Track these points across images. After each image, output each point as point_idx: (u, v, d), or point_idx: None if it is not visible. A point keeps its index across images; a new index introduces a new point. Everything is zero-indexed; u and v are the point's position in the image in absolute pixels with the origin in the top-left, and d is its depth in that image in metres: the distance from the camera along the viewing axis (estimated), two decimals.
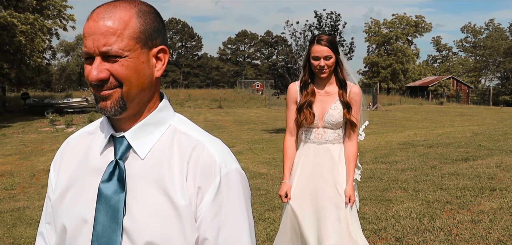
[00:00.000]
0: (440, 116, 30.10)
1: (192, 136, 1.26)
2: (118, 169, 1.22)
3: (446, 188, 7.02)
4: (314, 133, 3.36)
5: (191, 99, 47.83)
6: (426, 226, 5.37)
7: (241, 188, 1.26)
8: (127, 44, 1.16)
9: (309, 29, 19.34)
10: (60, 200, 1.29)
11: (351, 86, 3.39)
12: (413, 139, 13.34)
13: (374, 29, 78.91)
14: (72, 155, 1.34)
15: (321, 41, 3.25)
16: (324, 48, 3.23)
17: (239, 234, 1.23)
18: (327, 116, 3.31)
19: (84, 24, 1.18)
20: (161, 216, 1.18)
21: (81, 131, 1.40)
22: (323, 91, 3.37)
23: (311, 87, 3.36)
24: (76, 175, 1.28)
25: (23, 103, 36.05)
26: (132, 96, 1.20)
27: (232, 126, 23.94)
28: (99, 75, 1.15)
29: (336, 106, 3.31)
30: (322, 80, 3.36)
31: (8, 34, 29.32)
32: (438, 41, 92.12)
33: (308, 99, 3.32)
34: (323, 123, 3.33)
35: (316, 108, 3.33)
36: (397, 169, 8.77)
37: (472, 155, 9.74)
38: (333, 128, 3.33)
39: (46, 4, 35.63)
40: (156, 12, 1.26)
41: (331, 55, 3.25)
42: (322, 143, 3.35)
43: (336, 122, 3.31)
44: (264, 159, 11.36)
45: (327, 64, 3.24)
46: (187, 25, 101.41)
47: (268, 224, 5.81)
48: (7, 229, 6.53)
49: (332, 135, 3.34)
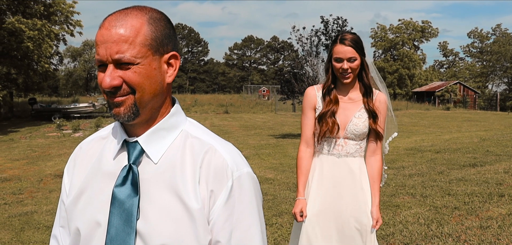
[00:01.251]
0: (447, 122, 29.99)
1: (204, 140, 1.28)
2: (131, 173, 1.24)
3: (454, 193, 6.99)
4: (334, 144, 2.97)
5: (197, 104, 47.95)
6: (434, 232, 5.35)
7: (253, 192, 1.28)
8: (139, 51, 1.18)
9: (316, 34, 19.35)
10: (74, 204, 1.30)
11: (376, 93, 3.03)
12: (420, 144, 13.30)
13: (380, 34, 78.81)
14: (86, 159, 1.35)
15: (344, 40, 2.88)
16: (348, 49, 2.86)
17: (251, 237, 1.25)
18: (350, 125, 2.93)
19: (97, 32, 1.20)
20: (174, 219, 1.20)
21: (94, 135, 1.42)
22: (346, 97, 3.00)
23: (334, 94, 2.99)
24: (90, 179, 1.30)
25: (30, 108, 36.30)
26: (144, 102, 1.22)
27: (239, 131, 23.95)
28: (112, 83, 1.17)
29: (360, 115, 2.94)
30: (345, 85, 2.98)
31: (16, 40, 29.52)
32: (444, 46, 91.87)
33: (331, 108, 2.94)
34: (345, 133, 2.95)
35: (339, 117, 2.95)
36: (404, 175, 8.74)
37: (480, 160, 9.70)
38: (356, 139, 2.96)
39: (53, 10, 35.86)
40: (167, 19, 1.29)
41: (355, 56, 2.87)
42: (342, 155, 2.97)
43: (360, 133, 2.94)
44: (271, 164, 11.36)
45: (351, 67, 2.88)
46: (193, 30, 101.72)
47: (276, 229, 5.81)
48: (15, 233, 6.55)
49: (354, 147, 2.96)
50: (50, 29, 33.59)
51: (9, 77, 33.55)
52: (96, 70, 1.24)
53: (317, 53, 19.25)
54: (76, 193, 1.31)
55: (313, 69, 18.82)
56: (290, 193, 7.80)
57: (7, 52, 30.88)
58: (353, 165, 2.95)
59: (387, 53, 78.76)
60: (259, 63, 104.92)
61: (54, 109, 35.04)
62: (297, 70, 20.02)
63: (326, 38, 19.08)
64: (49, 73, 36.73)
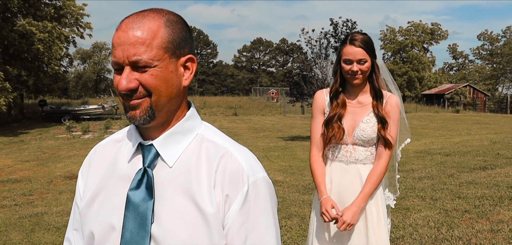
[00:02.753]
0: (457, 124, 29.82)
1: (220, 144, 1.27)
2: (146, 176, 1.23)
3: (464, 197, 6.95)
4: (342, 150, 2.84)
5: (206, 107, 48.02)
6: (445, 235, 5.32)
7: (268, 196, 1.27)
8: (156, 54, 1.17)
9: (325, 37, 19.34)
10: (88, 207, 1.30)
11: (387, 96, 2.85)
12: (429, 147, 13.24)
13: (389, 36, 78.58)
14: (100, 162, 1.35)
15: (354, 41, 2.73)
16: (358, 50, 2.71)
17: (266, 242, 1.24)
18: (357, 130, 2.79)
19: (113, 34, 1.19)
20: (189, 223, 1.19)
21: (109, 138, 1.41)
22: (355, 101, 2.85)
23: (342, 98, 2.84)
24: (104, 182, 1.30)
25: (40, 110, 36.56)
26: (161, 105, 1.21)
27: (247, 134, 23.96)
28: (129, 85, 1.16)
29: (368, 119, 2.79)
30: (354, 88, 2.83)
31: (26, 42, 29.75)
32: (454, 48, 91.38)
33: (337, 112, 2.80)
34: (353, 139, 2.80)
35: (346, 121, 2.81)
36: (414, 178, 8.70)
37: (490, 163, 9.64)
38: (365, 145, 2.80)
39: (63, 13, 36.10)
40: (183, 22, 1.28)
41: (366, 58, 2.72)
42: (351, 162, 2.82)
43: (368, 138, 2.78)
44: (280, 167, 11.35)
45: (361, 69, 2.72)
46: (202, 32, 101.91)
47: (285, 231, 5.80)
48: (26, 235, 6.60)
49: (363, 154, 2.81)
50: (60, 31, 33.81)
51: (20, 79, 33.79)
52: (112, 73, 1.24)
53: (326, 56, 19.25)
54: (90, 196, 1.30)
55: (322, 71, 18.81)
56: (299, 195, 7.80)
57: (18, 54, 31.11)
58: (363, 173, 2.80)
59: (396, 56, 78.50)
60: (268, 65, 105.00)
61: (64, 111, 35.24)
62: (306, 73, 20.01)
63: (336, 40, 19.06)
64: (59, 75, 36.94)
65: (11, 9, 31.04)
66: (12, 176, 12.12)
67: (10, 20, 30.78)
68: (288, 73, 23.80)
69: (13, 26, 29.75)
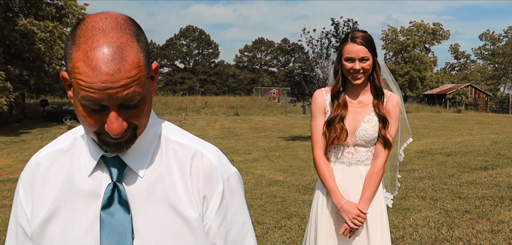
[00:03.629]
0: (458, 124, 29.79)
1: (188, 145, 1.23)
2: (118, 191, 1.13)
3: (465, 197, 6.92)
4: (344, 151, 2.76)
5: (207, 106, 48.05)
6: (445, 235, 5.30)
7: (241, 189, 1.28)
8: (144, 85, 1.07)
9: (326, 36, 19.32)
10: (43, 229, 1.17)
11: (388, 94, 2.79)
12: (431, 147, 13.22)
13: (391, 36, 78.52)
14: (49, 177, 1.21)
15: (356, 38, 2.64)
16: (360, 48, 2.63)
17: (245, 232, 1.27)
18: (359, 131, 2.71)
19: (83, 70, 1.00)
20: (172, 232, 1.15)
21: (50, 149, 1.25)
22: (356, 100, 2.77)
23: (343, 97, 2.76)
24: (61, 200, 1.17)
25: (42, 110, 36.65)
26: (143, 129, 1.15)
27: (249, 133, 23.95)
28: (123, 128, 1.07)
29: (370, 119, 2.72)
30: (355, 87, 2.75)
31: (27, 42, 29.79)
32: (456, 48, 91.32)
33: (339, 112, 2.72)
34: (354, 139, 2.73)
35: (347, 122, 2.73)
36: (414, 178, 8.68)
37: (491, 163, 9.62)
38: (366, 145, 2.74)
39: (65, 12, 36.13)
40: (138, 25, 1.12)
41: (368, 56, 2.64)
42: (352, 164, 2.76)
43: (370, 138, 2.72)
44: (281, 167, 11.34)
45: (363, 67, 2.64)
46: (204, 32, 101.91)
47: (284, 232, 5.79)
48: None
49: (365, 154, 2.75)
50: (62, 31, 33.82)
51: (21, 78, 33.83)
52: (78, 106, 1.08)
53: (328, 55, 19.23)
54: (44, 216, 1.17)
55: (323, 71, 18.79)
56: (299, 195, 7.78)
57: (19, 54, 31.17)
58: (364, 174, 2.75)
59: (398, 56, 78.44)
60: (270, 65, 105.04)
61: (65, 111, 35.33)
62: (307, 72, 20.00)
63: (337, 40, 19.04)
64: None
65: (13, 8, 31.08)
66: (13, 175, 12.12)
67: (12, 20, 30.84)
68: (289, 73, 23.77)
69: (15, 25, 29.80)
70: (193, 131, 25.76)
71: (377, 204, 2.76)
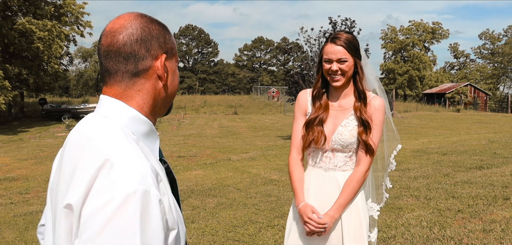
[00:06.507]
0: (457, 124, 29.79)
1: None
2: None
3: (459, 196, 6.93)
4: (322, 156, 2.68)
5: (206, 105, 48.04)
6: (436, 235, 5.31)
7: None
8: None
9: (324, 35, 19.32)
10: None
11: (371, 97, 2.67)
12: (427, 146, 13.22)
13: (390, 35, 78.49)
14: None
15: (336, 39, 2.57)
16: (339, 49, 2.55)
17: None
18: (335, 135, 2.62)
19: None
20: None
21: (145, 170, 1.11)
22: (337, 103, 2.70)
23: (324, 99, 2.70)
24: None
25: (40, 109, 36.63)
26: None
27: (247, 132, 23.95)
28: None
29: (347, 123, 2.63)
30: (336, 90, 2.69)
31: (26, 41, 29.79)
32: (455, 48, 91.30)
33: (319, 114, 2.66)
34: (331, 144, 2.64)
35: (326, 125, 2.66)
36: (409, 177, 8.69)
37: (487, 163, 9.62)
38: (344, 150, 2.63)
39: (64, 11, 36.16)
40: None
41: (346, 57, 2.56)
42: (329, 169, 2.67)
43: (346, 143, 2.61)
44: (277, 166, 11.34)
45: (341, 68, 2.56)
46: (203, 31, 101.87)
47: (277, 231, 5.79)
48: (19, 233, 6.60)
49: (343, 160, 2.65)
50: (60, 30, 33.85)
51: (20, 77, 33.86)
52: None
53: None
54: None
55: None
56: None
57: (18, 52, 31.18)
58: (341, 180, 2.64)
59: (397, 55, 78.43)
60: (269, 64, 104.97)
61: (64, 110, 35.33)
62: (306, 72, 20.00)
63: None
64: (59, 74, 37.01)
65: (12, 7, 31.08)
66: (10, 174, 12.13)
67: (10, 19, 30.84)
68: (287, 72, 23.77)
69: (13, 24, 29.80)
70: (191, 129, 25.75)
71: (355, 214, 2.64)
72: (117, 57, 1.22)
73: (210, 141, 18.65)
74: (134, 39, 1.21)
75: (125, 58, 1.21)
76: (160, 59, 1.24)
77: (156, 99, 1.26)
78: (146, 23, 1.24)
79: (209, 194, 8.29)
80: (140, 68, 1.22)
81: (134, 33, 1.22)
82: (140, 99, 1.23)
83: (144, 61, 1.22)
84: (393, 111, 38.67)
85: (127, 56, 1.21)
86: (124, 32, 1.22)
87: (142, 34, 1.22)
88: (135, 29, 1.22)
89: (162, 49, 1.25)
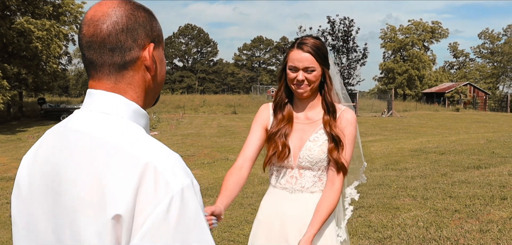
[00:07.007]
0: (456, 123, 29.77)
1: None
2: None
3: (456, 196, 6.90)
4: (287, 175, 2.37)
5: (205, 105, 48.06)
6: (433, 235, 5.28)
7: None
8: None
9: (322, 34, 19.32)
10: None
11: (342, 110, 2.38)
12: (425, 146, 13.18)
13: (390, 35, 78.51)
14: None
15: (303, 45, 2.29)
16: (306, 56, 2.27)
17: None
18: (303, 151, 2.32)
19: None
20: None
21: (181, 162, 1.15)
22: (303, 116, 2.40)
23: (288, 110, 2.41)
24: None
25: (39, 108, 36.67)
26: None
27: (245, 132, 23.88)
28: None
29: (316, 137, 2.33)
30: (302, 101, 2.40)
31: (24, 40, 29.77)
32: (455, 47, 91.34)
33: (283, 127, 2.37)
34: (298, 161, 2.33)
35: (292, 140, 2.36)
36: (407, 176, 8.65)
37: (485, 162, 9.58)
38: (312, 168, 2.33)
39: (62, 11, 36.14)
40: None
41: (314, 66, 2.27)
42: (296, 190, 2.35)
43: (316, 160, 2.31)
44: None
45: (307, 78, 2.28)
46: (202, 30, 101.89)
47: None
48: None
49: (311, 179, 2.34)
50: (59, 30, 33.83)
51: (19, 77, 33.85)
52: None
53: None
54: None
55: None
56: None
57: (17, 52, 31.16)
58: (310, 203, 2.32)
59: (396, 54, 78.45)
60: (268, 64, 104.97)
61: (63, 109, 35.34)
62: None
63: (333, 38, 19.05)
64: (58, 73, 37.01)
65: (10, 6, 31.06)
66: (6, 174, 12.11)
67: (9, 18, 30.81)
68: None
69: (11, 24, 29.78)
70: (190, 129, 25.73)
71: (325, 241, 2.33)
72: (101, 48, 1.12)
73: (208, 141, 18.61)
74: (119, 29, 1.12)
75: (111, 49, 1.12)
76: (147, 48, 1.16)
77: (146, 91, 1.18)
78: (131, 10, 1.14)
79: (205, 193, 8.26)
80: (128, 60, 1.13)
81: (119, 21, 1.12)
82: (134, 92, 1.16)
83: (131, 52, 1.13)
84: (392, 111, 38.65)
85: (113, 47, 1.12)
86: (107, 20, 1.12)
87: (128, 22, 1.13)
88: (119, 17, 1.12)
89: (149, 38, 1.16)
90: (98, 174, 1.02)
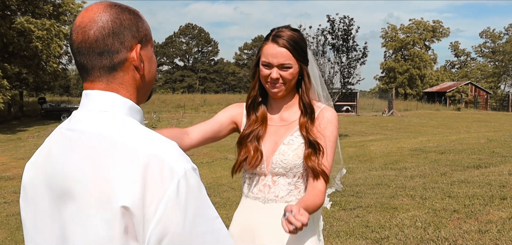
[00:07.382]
0: (457, 122, 29.71)
1: None
2: None
3: (455, 196, 6.84)
4: (260, 183, 2.09)
5: (206, 104, 48.08)
6: (431, 235, 5.23)
7: None
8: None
9: (322, 33, 19.28)
10: None
11: (321, 108, 2.12)
12: (425, 145, 13.12)
13: (391, 34, 78.40)
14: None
15: (278, 38, 2.01)
16: (282, 51, 2.00)
17: None
18: (276, 155, 2.04)
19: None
20: None
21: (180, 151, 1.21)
22: (278, 117, 2.14)
23: (262, 111, 2.16)
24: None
25: (40, 108, 36.70)
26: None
27: None
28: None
29: (291, 140, 2.05)
30: (276, 100, 2.15)
31: (25, 40, 29.78)
32: (456, 46, 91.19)
33: (255, 129, 2.11)
34: (271, 167, 2.05)
35: (265, 144, 2.09)
36: (406, 176, 8.60)
37: (485, 162, 9.51)
38: (287, 175, 2.04)
39: (62, 10, 36.14)
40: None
41: (291, 63, 2.01)
42: (269, 200, 2.06)
43: (289, 166, 2.03)
44: None
45: (283, 76, 2.02)
46: (203, 30, 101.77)
47: None
48: (10, 233, 6.54)
49: (286, 188, 2.05)
50: (59, 29, 33.84)
51: (20, 76, 33.85)
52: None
53: (324, 53, 19.19)
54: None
55: (320, 68, 18.73)
56: None
57: (17, 52, 31.16)
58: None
59: (397, 53, 78.34)
60: None
61: (63, 109, 35.40)
62: None
63: (332, 37, 18.99)
64: (58, 73, 37.02)
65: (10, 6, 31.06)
66: (5, 173, 12.09)
67: (9, 18, 30.82)
68: None
69: (12, 23, 29.77)
70: None
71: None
72: (90, 53, 1.18)
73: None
74: (105, 33, 1.17)
75: (99, 54, 1.17)
76: (135, 49, 1.21)
77: (138, 89, 1.24)
78: (116, 14, 1.19)
79: None
80: (116, 62, 1.19)
81: (105, 26, 1.17)
82: (126, 91, 1.21)
83: (119, 54, 1.19)
84: (393, 110, 38.59)
85: (101, 51, 1.17)
86: (94, 26, 1.17)
87: (114, 26, 1.18)
88: (105, 22, 1.17)
89: (136, 39, 1.22)
90: (103, 169, 1.08)
